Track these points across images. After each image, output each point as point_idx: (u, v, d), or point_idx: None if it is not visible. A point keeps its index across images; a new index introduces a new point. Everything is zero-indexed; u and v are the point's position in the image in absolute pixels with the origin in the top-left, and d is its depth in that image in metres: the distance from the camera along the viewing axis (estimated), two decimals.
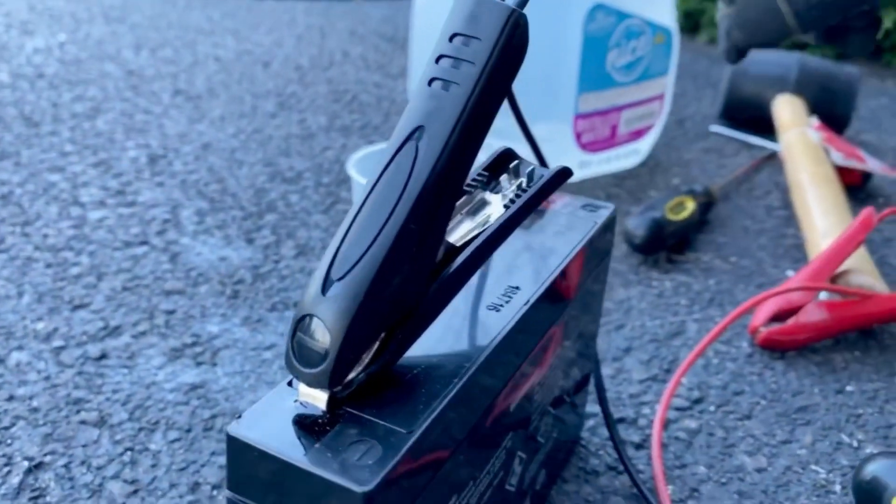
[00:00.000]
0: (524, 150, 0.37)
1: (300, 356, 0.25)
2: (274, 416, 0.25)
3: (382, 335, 0.26)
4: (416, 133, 0.26)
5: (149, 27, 1.39)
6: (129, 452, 0.46)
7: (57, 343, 0.55)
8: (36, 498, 0.42)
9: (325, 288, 0.24)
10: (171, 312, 0.59)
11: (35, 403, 0.49)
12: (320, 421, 0.25)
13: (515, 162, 0.34)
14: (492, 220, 0.30)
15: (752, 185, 0.87)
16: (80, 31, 1.33)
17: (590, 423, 0.50)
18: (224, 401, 0.50)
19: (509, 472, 0.35)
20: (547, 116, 0.78)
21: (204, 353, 0.55)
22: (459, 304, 0.32)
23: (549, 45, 0.75)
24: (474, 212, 0.32)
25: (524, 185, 0.32)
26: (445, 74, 0.26)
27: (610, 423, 0.46)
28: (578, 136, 0.80)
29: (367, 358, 0.26)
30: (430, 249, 0.26)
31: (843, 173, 0.82)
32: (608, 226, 0.41)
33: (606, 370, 0.55)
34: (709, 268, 0.69)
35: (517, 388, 0.33)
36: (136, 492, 0.43)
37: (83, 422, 0.48)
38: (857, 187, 0.86)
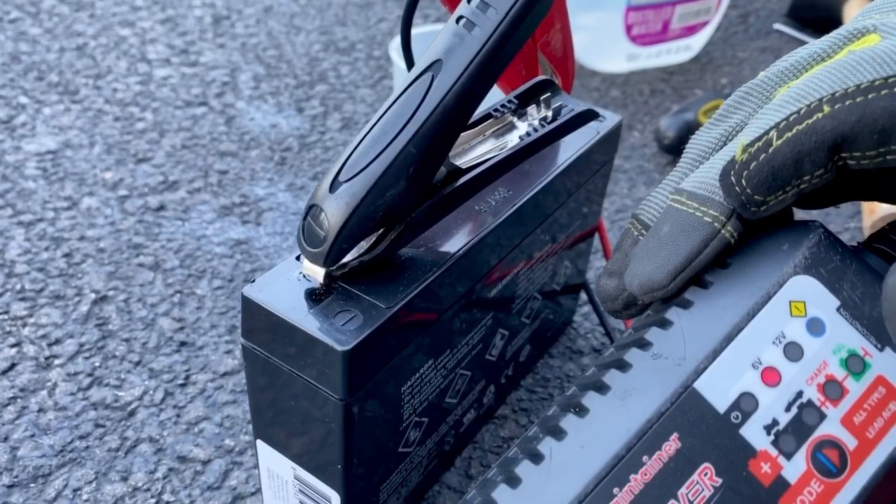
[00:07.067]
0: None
1: (306, 237, 0.30)
2: (281, 283, 0.31)
3: (378, 234, 0.30)
4: (434, 65, 0.28)
5: None
6: (178, 295, 0.53)
7: (122, 192, 0.62)
8: (101, 325, 0.50)
9: (332, 187, 0.29)
10: (223, 173, 0.65)
11: (101, 245, 0.56)
12: (317, 291, 0.30)
13: (547, 94, 0.36)
14: (508, 146, 0.34)
15: None
16: None
17: (583, 309, 0.55)
18: (264, 257, 0.57)
19: (490, 344, 0.40)
20: (598, 6, 0.79)
21: (250, 212, 0.61)
22: None
23: None
24: (500, 134, 0.36)
25: (548, 119, 0.35)
26: (471, 15, 0.28)
27: (600, 314, 0.51)
28: (629, 28, 0.81)
29: (363, 248, 0.31)
30: (427, 171, 0.30)
31: None
32: (611, 136, 0.44)
33: None
34: None
35: (498, 278, 0.38)
36: (182, 328, 0.50)
37: (141, 265, 0.55)
38: None
